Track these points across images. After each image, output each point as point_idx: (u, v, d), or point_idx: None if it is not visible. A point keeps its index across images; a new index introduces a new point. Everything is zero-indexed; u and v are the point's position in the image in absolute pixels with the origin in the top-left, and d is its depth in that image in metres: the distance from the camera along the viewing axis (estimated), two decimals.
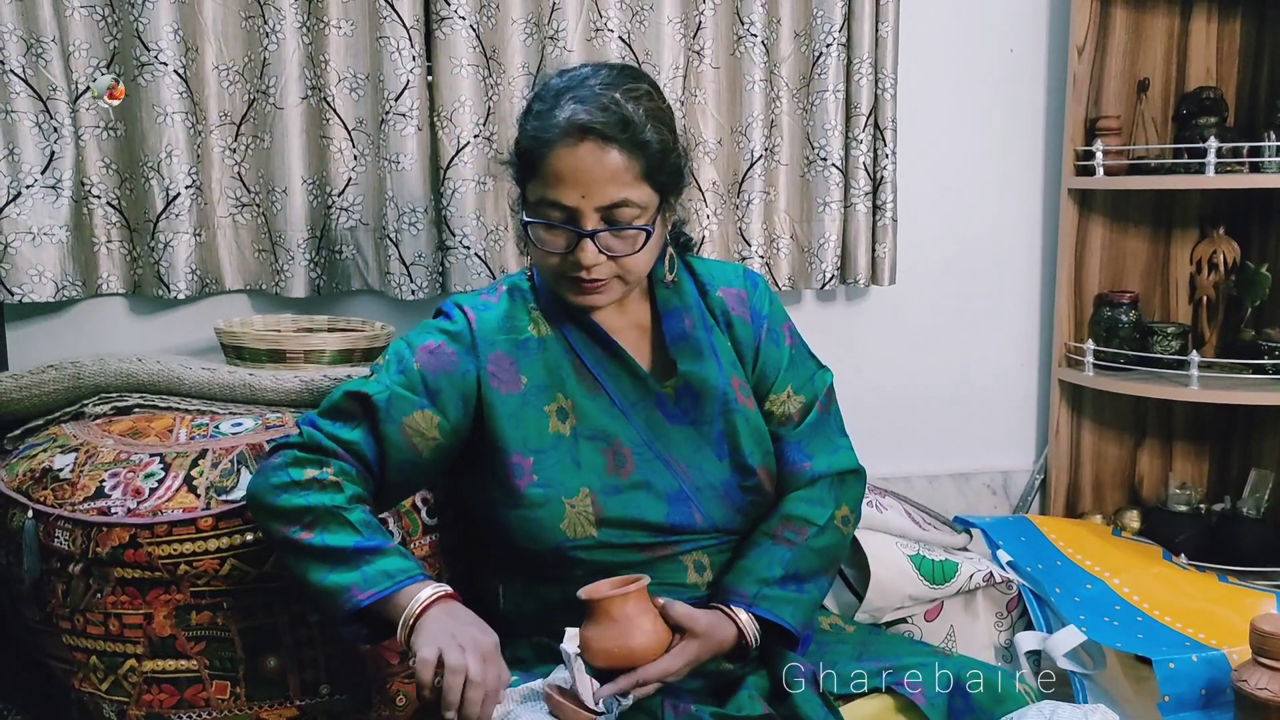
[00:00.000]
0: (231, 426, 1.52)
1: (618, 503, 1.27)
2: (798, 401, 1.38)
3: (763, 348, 1.39)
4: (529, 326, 1.33)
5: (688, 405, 1.33)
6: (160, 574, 1.37)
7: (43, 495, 1.43)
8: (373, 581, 1.15)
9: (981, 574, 1.63)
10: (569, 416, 1.30)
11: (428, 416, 1.27)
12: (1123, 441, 2.34)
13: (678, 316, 1.37)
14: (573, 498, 1.26)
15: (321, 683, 1.41)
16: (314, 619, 1.40)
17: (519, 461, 1.27)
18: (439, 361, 1.29)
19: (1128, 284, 2.29)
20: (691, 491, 1.30)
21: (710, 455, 1.32)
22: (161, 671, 1.39)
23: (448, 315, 1.34)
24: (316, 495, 1.19)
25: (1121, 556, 1.75)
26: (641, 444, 1.30)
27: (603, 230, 1.24)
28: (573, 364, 1.33)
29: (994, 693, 1.34)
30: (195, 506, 1.38)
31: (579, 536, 1.25)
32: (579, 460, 1.28)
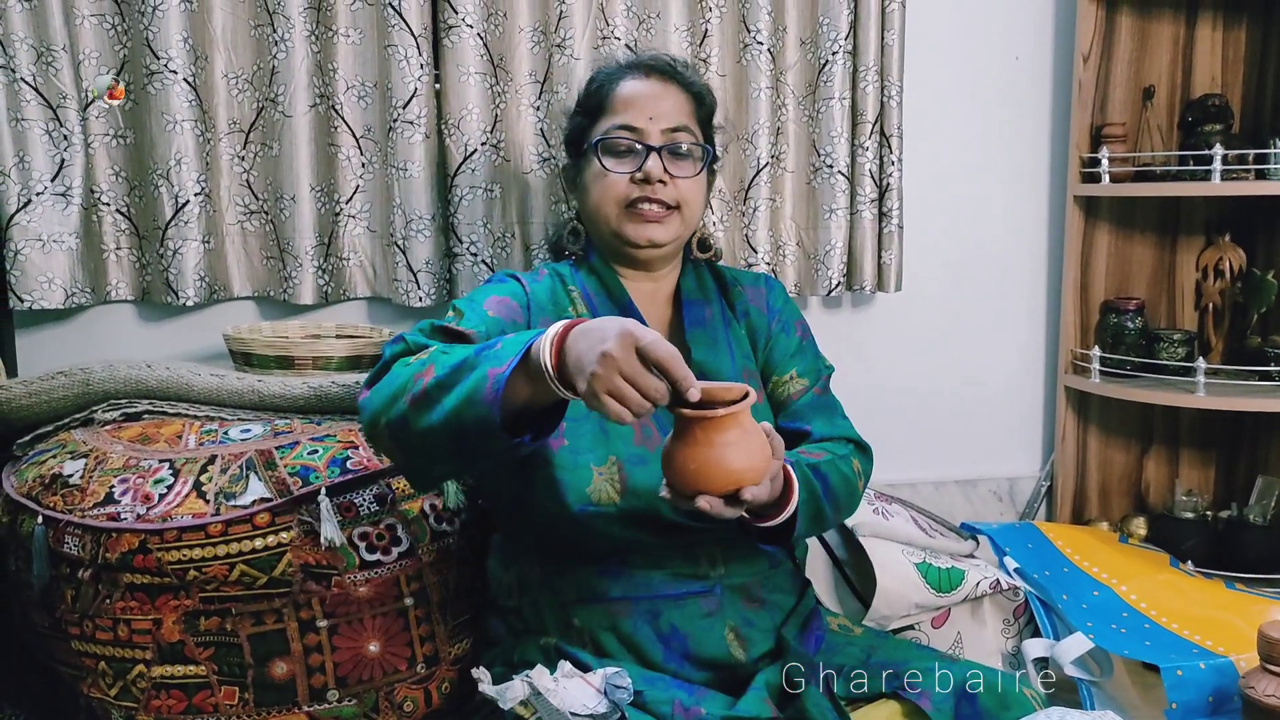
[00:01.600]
0: (240, 432, 1.52)
1: (644, 473, 1.29)
2: (800, 382, 1.44)
3: (774, 334, 1.46)
4: (569, 307, 1.41)
5: None
6: (169, 579, 1.37)
7: (52, 501, 1.44)
8: (506, 353, 1.08)
9: (988, 581, 1.62)
10: None
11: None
12: (1129, 448, 2.34)
13: (699, 306, 1.44)
14: (601, 465, 1.29)
15: (330, 689, 1.41)
16: (322, 624, 1.40)
17: None
18: (509, 311, 1.34)
19: (1134, 291, 2.29)
20: None
21: None
22: (170, 677, 1.40)
23: (501, 280, 1.41)
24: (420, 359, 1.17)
25: (1128, 563, 1.75)
26: (662, 428, 1.31)
27: (666, 147, 1.38)
28: None
29: (1000, 698, 1.34)
30: (205, 512, 1.39)
31: (602, 502, 1.27)
32: (608, 429, 1.31)
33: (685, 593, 1.31)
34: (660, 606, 1.29)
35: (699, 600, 1.31)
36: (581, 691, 1.17)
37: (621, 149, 1.39)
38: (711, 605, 1.31)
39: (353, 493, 1.43)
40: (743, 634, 1.31)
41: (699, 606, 1.30)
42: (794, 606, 1.39)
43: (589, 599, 1.29)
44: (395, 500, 1.45)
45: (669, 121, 1.39)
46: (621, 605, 1.28)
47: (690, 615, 1.30)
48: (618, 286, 1.42)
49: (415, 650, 1.46)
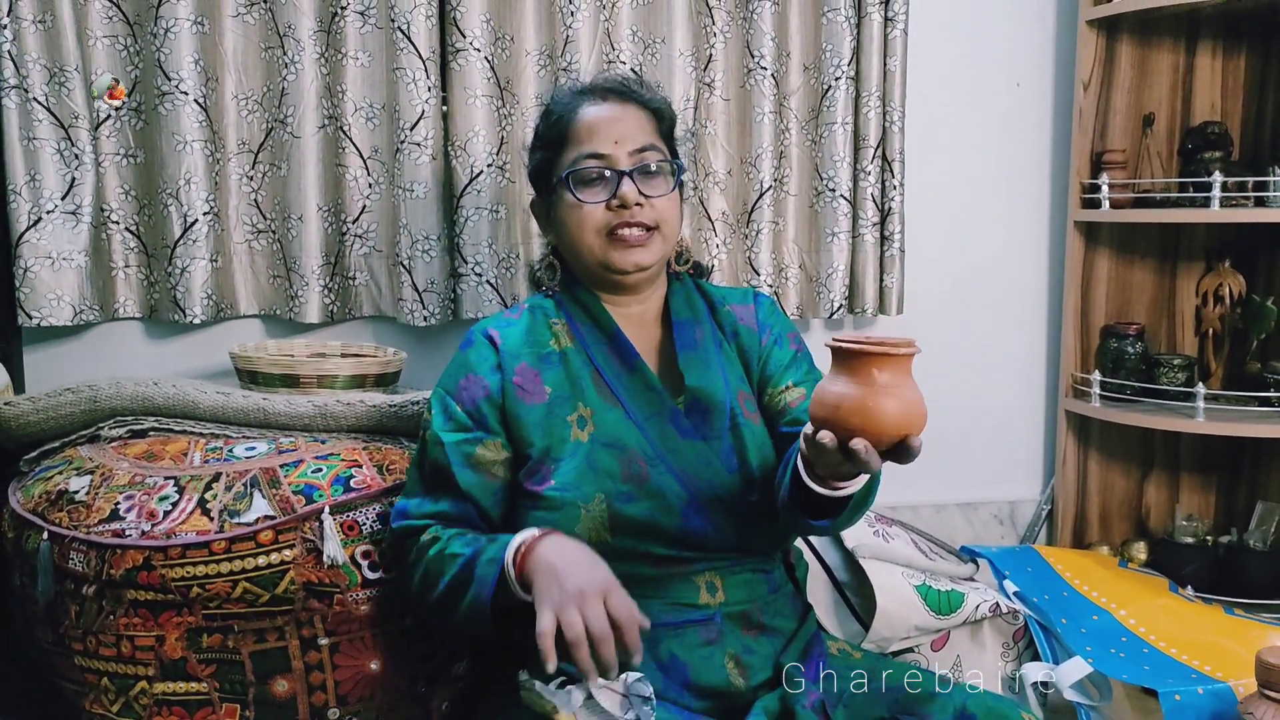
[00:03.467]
0: (245, 450, 1.53)
1: (632, 509, 1.29)
2: (797, 392, 1.42)
3: (766, 348, 1.45)
4: (550, 341, 1.40)
5: (697, 420, 1.36)
6: (173, 596, 1.38)
7: (58, 517, 1.45)
8: (486, 576, 1.19)
9: (988, 604, 1.63)
10: (588, 424, 1.34)
11: (489, 445, 1.35)
12: (1130, 473, 2.34)
13: (689, 328, 1.43)
14: (588, 503, 1.29)
15: (330, 706, 1.42)
16: (324, 642, 1.41)
17: (541, 467, 1.32)
18: (473, 393, 1.36)
19: (1134, 316, 2.30)
20: (703, 504, 1.31)
21: (720, 469, 1.34)
22: (172, 694, 1.40)
23: (471, 344, 1.41)
24: (427, 556, 1.29)
25: (1128, 588, 1.76)
26: (655, 456, 1.33)
27: (637, 170, 1.36)
28: (591, 376, 1.38)
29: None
30: (209, 529, 1.40)
31: (593, 540, 1.26)
32: (595, 466, 1.31)
33: (684, 621, 1.30)
34: (659, 635, 1.28)
35: (698, 629, 1.30)
36: (610, 700, 1.18)
37: (592, 177, 1.36)
38: (711, 634, 1.30)
39: (356, 511, 1.44)
40: (743, 662, 1.31)
41: (698, 635, 1.30)
42: (795, 632, 1.39)
43: None
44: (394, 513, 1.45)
45: (634, 143, 1.37)
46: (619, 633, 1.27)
47: (689, 644, 1.29)
48: (604, 316, 1.41)
49: (416, 669, 1.47)
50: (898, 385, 1.06)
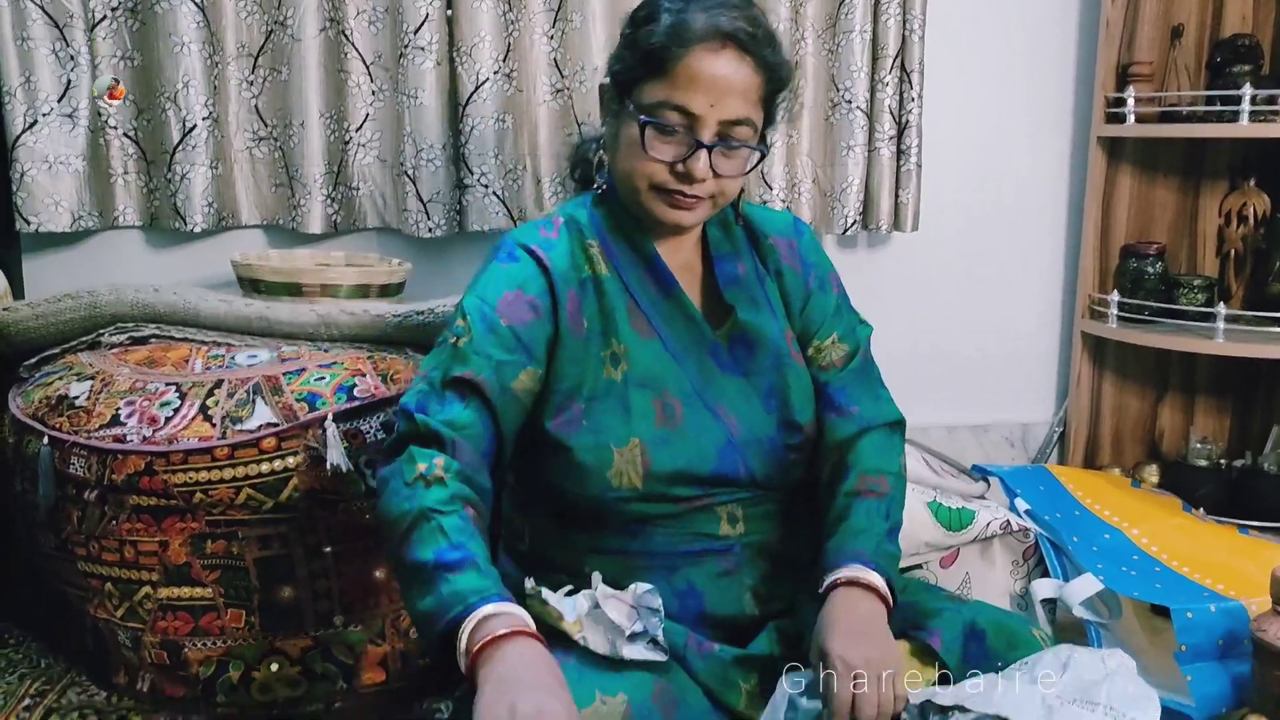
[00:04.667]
0: (247, 358, 1.51)
1: (666, 454, 1.22)
2: (841, 349, 1.34)
3: (811, 295, 1.35)
4: (586, 265, 1.26)
5: (741, 355, 1.29)
6: (175, 502, 1.37)
7: (58, 422, 1.43)
8: (448, 604, 1.02)
9: (999, 522, 1.61)
10: (621, 362, 1.25)
11: (530, 373, 1.21)
12: (1144, 395, 2.31)
13: (730, 260, 1.32)
14: (622, 447, 1.21)
15: (336, 614, 1.41)
16: (328, 550, 1.40)
17: (571, 405, 1.22)
18: (521, 312, 1.21)
19: (1155, 235, 2.25)
20: (739, 445, 1.26)
21: (759, 408, 1.28)
22: (176, 599, 1.40)
23: (515, 259, 1.24)
24: (420, 496, 1.09)
25: (1141, 507, 1.74)
26: (691, 393, 1.26)
27: (719, 145, 1.20)
28: (627, 306, 1.26)
29: (1009, 638, 1.32)
30: (211, 435, 1.38)
31: (623, 487, 1.21)
32: (629, 408, 1.23)
33: (703, 550, 1.27)
34: (677, 563, 1.25)
35: (716, 559, 1.27)
36: (618, 611, 1.16)
37: (668, 131, 1.20)
38: (729, 564, 1.28)
39: (359, 420, 1.42)
40: (760, 592, 1.29)
41: (716, 565, 1.27)
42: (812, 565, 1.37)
43: (603, 551, 1.25)
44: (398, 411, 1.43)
45: (730, 112, 1.20)
46: (637, 559, 1.24)
47: (707, 573, 1.27)
48: (642, 239, 1.29)
49: None
50: None
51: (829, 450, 1.30)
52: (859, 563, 1.18)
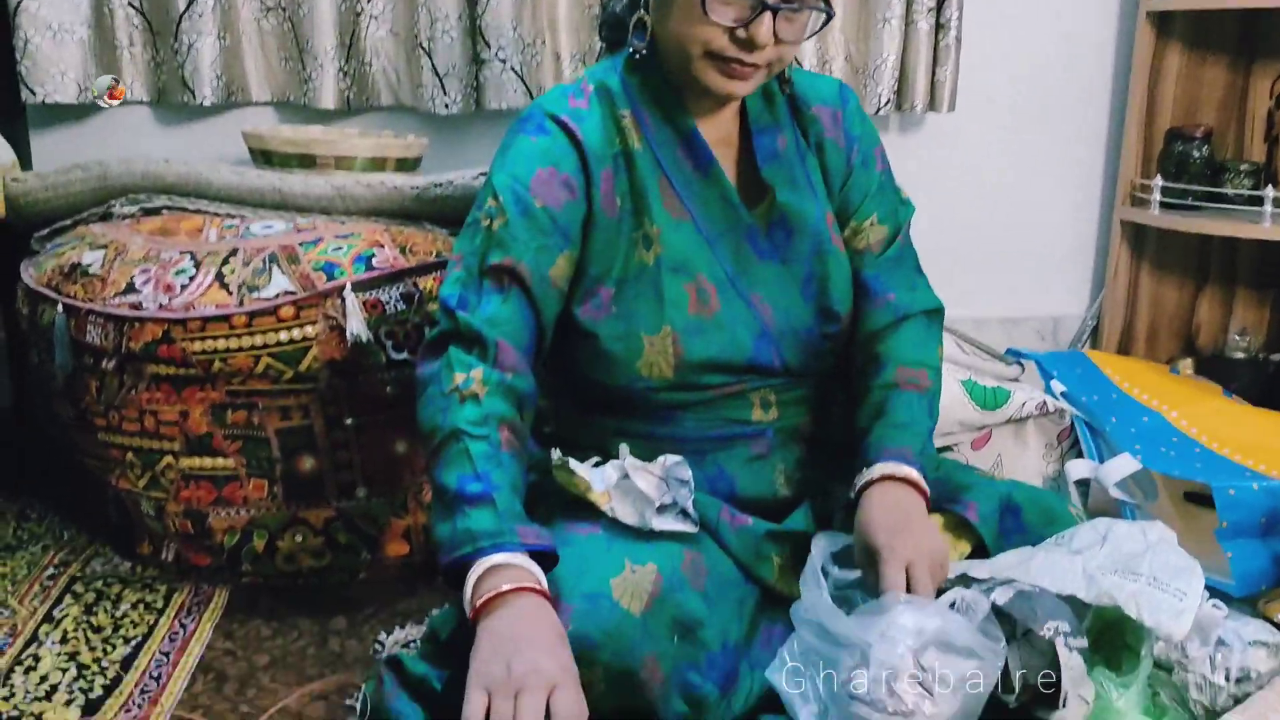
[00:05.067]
0: (262, 228, 1.47)
1: (699, 344, 1.17)
2: (880, 231, 1.26)
3: (853, 171, 1.26)
4: (617, 139, 1.17)
5: (780, 240, 1.22)
6: (194, 371, 1.34)
7: (72, 290, 1.40)
8: (458, 541, 0.99)
9: (1034, 402, 1.57)
10: (653, 245, 1.18)
11: (568, 257, 1.14)
12: (1183, 287, 2.25)
13: (770, 134, 1.23)
14: (653, 335, 1.16)
15: (358, 485, 1.40)
16: (349, 421, 1.38)
17: (599, 290, 1.16)
18: (555, 192, 1.13)
19: (1202, 117, 2.15)
20: (774, 335, 1.20)
21: (796, 297, 1.22)
22: (199, 469, 1.38)
23: (544, 131, 1.15)
24: (455, 411, 1.04)
25: (1180, 391, 1.69)
26: (725, 281, 1.19)
27: (785, 7, 1.10)
28: (659, 183, 1.18)
29: (1045, 513, 1.30)
30: (228, 303, 1.34)
31: (653, 376, 1.16)
32: (661, 294, 1.16)
33: (734, 435, 1.23)
34: (707, 448, 1.21)
35: (748, 444, 1.23)
36: (646, 482, 1.12)
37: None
38: (762, 448, 1.24)
39: (379, 290, 1.38)
40: (792, 476, 1.25)
41: (748, 450, 1.23)
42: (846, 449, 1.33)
43: (631, 435, 1.21)
44: (423, 299, 1.39)
45: None
46: (666, 444, 1.20)
47: (738, 458, 1.23)
48: (680, 111, 1.19)
49: None
50: None
51: (863, 339, 1.25)
52: (900, 460, 1.13)
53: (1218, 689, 1.06)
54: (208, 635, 1.29)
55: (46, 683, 1.16)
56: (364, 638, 1.28)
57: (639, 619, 1.02)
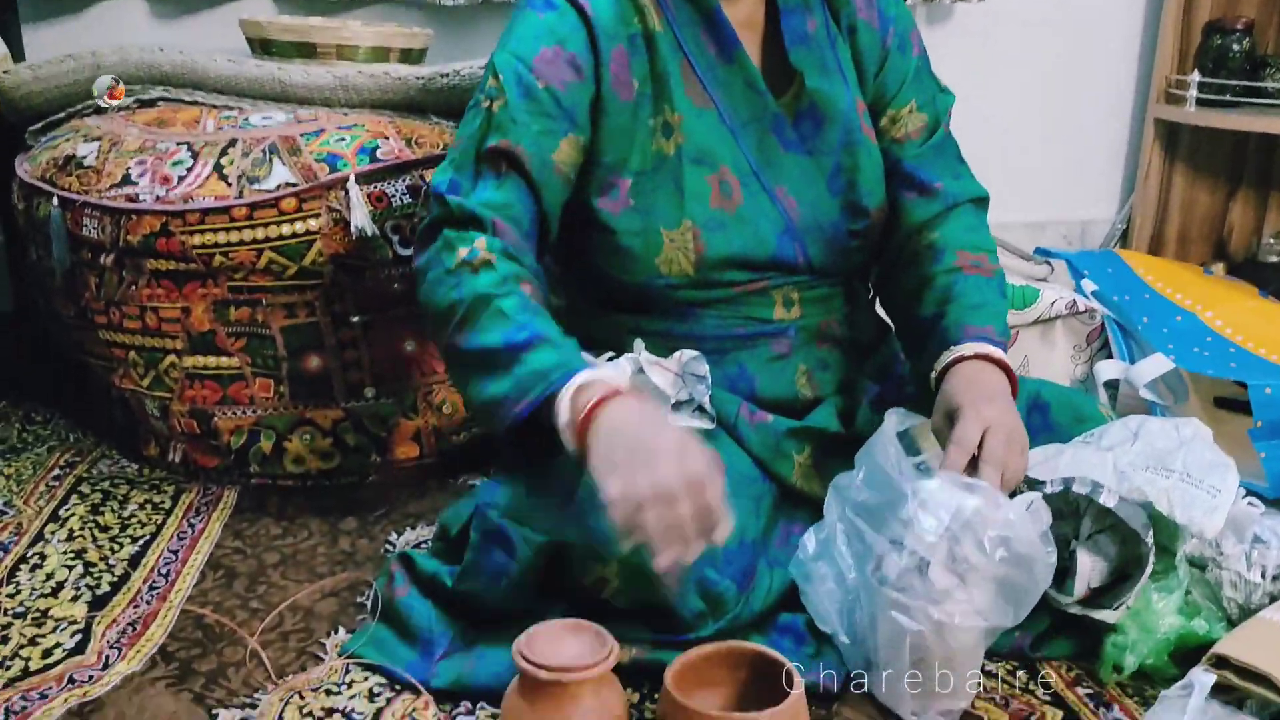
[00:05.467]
0: (261, 119, 1.41)
1: (721, 239, 1.11)
2: (920, 119, 1.19)
3: (889, 55, 1.19)
4: (635, 19, 1.10)
5: (807, 131, 1.15)
6: (195, 265, 1.30)
7: (67, 183, 1.35)
8: (526, 386, 0.94)
9: (1064, 301, 1.52)
10: (674, 133, 1.12)
11: (573, 141, 1.08)
12: (1216, 189, 2.17)
13: (799, 14, 1.15)
14: (673, 230, 1.11)
15: (366, 385, 1.36)
16: (356, 319, 1.34)
17: (617, 181, 1.11)
18: (560, 71, 1.07)
19: (1243, 9, 2.05)
20: (798, 231, 1.15)
21: (823, 191, 1.16)
22: (203, 368, 1.35)
23: (552, 6, 1.09)
24: (468, 282, 1.00)
25: (1214, 291, 1.63)
26: (749, 173, 1.13)
27: None
28: (681, 68, 1.11)
29: (1074, 412, 1.25)
30: (227, 195, 1.29)
31: (672, 274, 1.11)
32: (682, 187, 1.11)
33: (755, 334, 1.17)
34: (727, 347, 1.17)
35: (769, 342, 1.18)
36: (662, 378, 1.08)
37: None
38: (783, 347, 1.19)
39: (384, 182, 1.33)
40: (815, 377, 1.20)
41: (769, 349, 1.18)
42: (872, 347, 1.28)
43: (648, 334, 1.16)
44: (429, 193, 1.34)
45: None
46: (684, 343, 1.15)
47: (760, 357, 1.18)
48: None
49: None
50: None
51: (909, 231, 1.18)
52: (985, 340, 1.07)
53: (1253, 586, 1.03)
54: (217, 534, 1.26)
55: (52, 580, 1.14)
56: (375, 538, 1.26)
57: None
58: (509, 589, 0.98)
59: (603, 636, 0.89)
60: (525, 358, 0.95)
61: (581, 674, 0.85)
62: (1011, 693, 0.98)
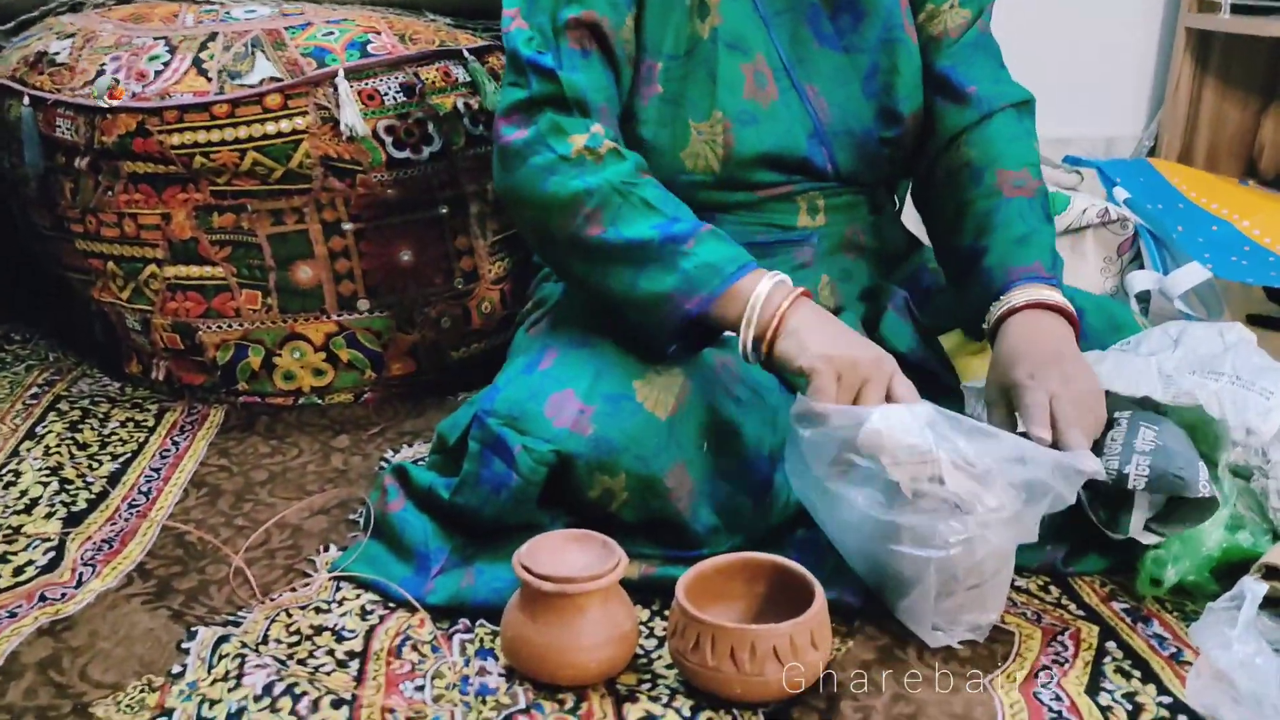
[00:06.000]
0: (244, 13, 1.33)
1: (753, 135, 1.04)
2: (961, 15, 1.10)
3: None
4: None
5: (845, 25, 1.07)
6: (174, 168, 1.22)
7: (38, 81, 1.27)
8: (698, 282, 0.90)
9: (1096, 209, 1.44)
10: (710, 14, 1.03)
11: (633, 17, 1.00)
12: (1247, 104, 2.08)
13: None
14: (702, 122, 1.03)
15: (359, 297, 1.29)
16: (348, 227, 1.26)
17: (648, 65, 1.02)
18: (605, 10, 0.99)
19: None
20: (827, 134, 1.07)
21: (857, 92, 1.08)
22: (186, 278, 1.28)
23: None
24: (594, 171, 0.93)
25: (1252, 199, 1.55)
26: (781, 68, 1.05)
27: None
28: None
29: (1110, 319, 1.18)
30: (207, 90, 1.21)
31: (697, 170, 1.04)
32: (715, 74, 1.02)
33: (778, 241, 1.10)
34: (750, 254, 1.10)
35: (792, 249, 1.10)
36: None
37: None
38: (806, 256, 1.11)
39: (375, 79, 1.24)
40: (838, 287, 1.13)
41: (791, 257, 1.10)
42: (898, 259, 1.20)
43: None
44: (425, 92, 1.26)
45: None
46: None
47: (781, 265, 1.09)
48: None
49: (452, 264, 1.32)
50: None
51: (942, 144, 1.09)
52: (1036, 281, 0.98)
53: None
54: (202, 452, 1.20)
55: (26, 496, 1.08)
56: (368, 455, 1.20)
57: (664, 424, 0.93)
58: (508, 502, 0.92)
59: (610, 547, 0.84)
60: (689, 250, 0.91)
61: (587, 585, 0.79)
62: (1043, 608, 0.92)
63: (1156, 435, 0.90)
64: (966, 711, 0.79)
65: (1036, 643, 0.87)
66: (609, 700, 0.80)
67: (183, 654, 0.83)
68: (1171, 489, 0.89)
